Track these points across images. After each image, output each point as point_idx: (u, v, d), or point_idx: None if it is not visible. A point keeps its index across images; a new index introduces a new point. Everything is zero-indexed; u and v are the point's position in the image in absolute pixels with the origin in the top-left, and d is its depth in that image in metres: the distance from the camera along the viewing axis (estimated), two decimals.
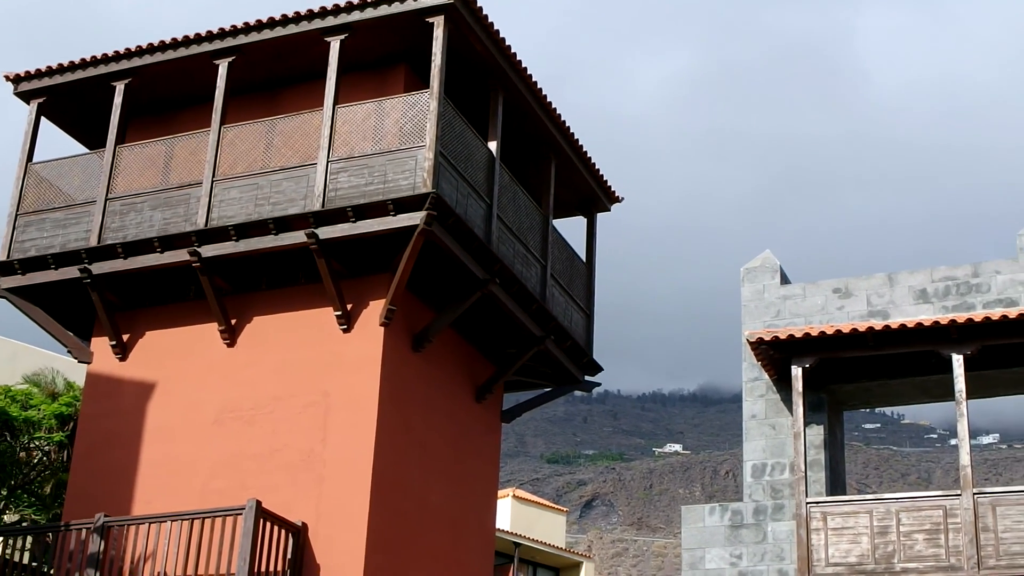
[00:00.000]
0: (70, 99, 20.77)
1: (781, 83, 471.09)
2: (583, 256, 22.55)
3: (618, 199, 23.25)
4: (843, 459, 17.50)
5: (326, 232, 17.45)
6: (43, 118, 20.83)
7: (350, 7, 18.42)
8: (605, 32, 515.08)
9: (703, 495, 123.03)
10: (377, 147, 17.84)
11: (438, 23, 18.03)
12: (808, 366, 16.08)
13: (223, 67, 19.26)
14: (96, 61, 20.08)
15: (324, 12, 18.54)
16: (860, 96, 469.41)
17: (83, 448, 19.04)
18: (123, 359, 19.31)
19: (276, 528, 16.46)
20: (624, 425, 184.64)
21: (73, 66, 20.26)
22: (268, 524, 16.29)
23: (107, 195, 19.32)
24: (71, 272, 19.09)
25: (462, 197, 17.96)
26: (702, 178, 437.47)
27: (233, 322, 18.68)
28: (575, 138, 21.50)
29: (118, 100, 19.96)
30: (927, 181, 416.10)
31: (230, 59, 19.23)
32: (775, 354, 16.36)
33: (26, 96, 20.69)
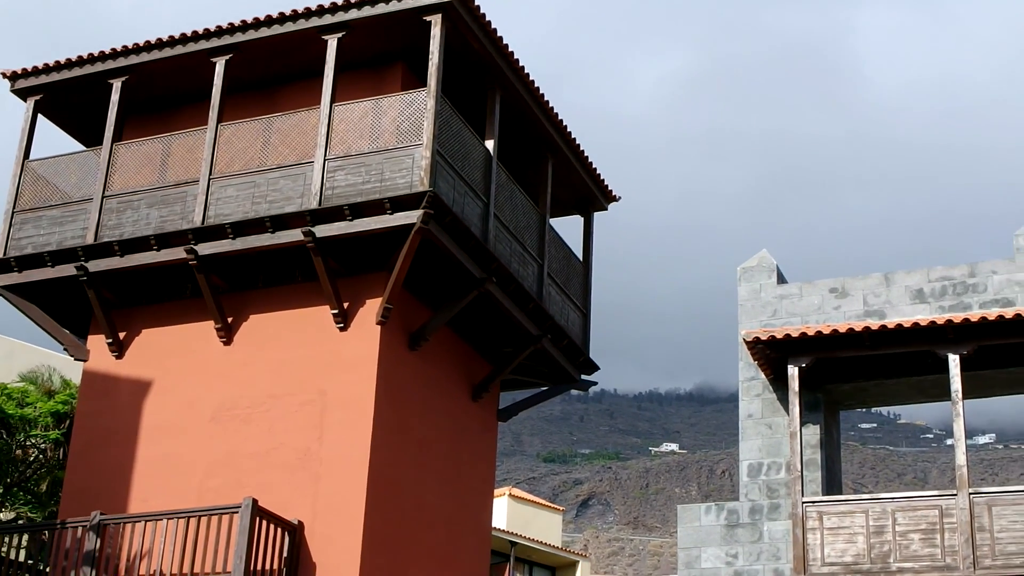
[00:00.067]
0: (67, 96, 20.76)
1: (779, 82, 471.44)
2: (580, 255, 22.56)
3: (615, 198, 23.25)
4: (839, 459, 17.51)
5: (323, 230, 17.45)
6: (40, 115, 20.83)
7: (347, 5, 18.41)
8: (603, 31, 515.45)
9: (699, 494, 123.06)
10: (374, 145, 17.84)
11: (435, 21, 18.04)
12: (804, 365, 16.09)
13: (220, 65, 19.26)
14: (93, 59, 20.07)
15: (321, 10, 18.53)
16: (858, 96, 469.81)
17: (79, 446, 19.04)
18: (119, 357, 19.30)
19: (272, 526, 16.46)
20: (620, 424, 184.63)
21: (70, 63, 20.26)
22: (264, 522, 16.29)
23: (104, 193, 19.31)
24: (67, 270, 19.09)
25: (459, 196, 17.96)
26: (699, 177, 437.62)
27: (230, 320, 18.68)
28: (572, 137, 21.51)
29: (115, 98, 19.96)
30: (924, 181, 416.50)
31: (227, 57, 19.23)
32: (771, 353, 16.36)
33: (23, 93, 20.68)
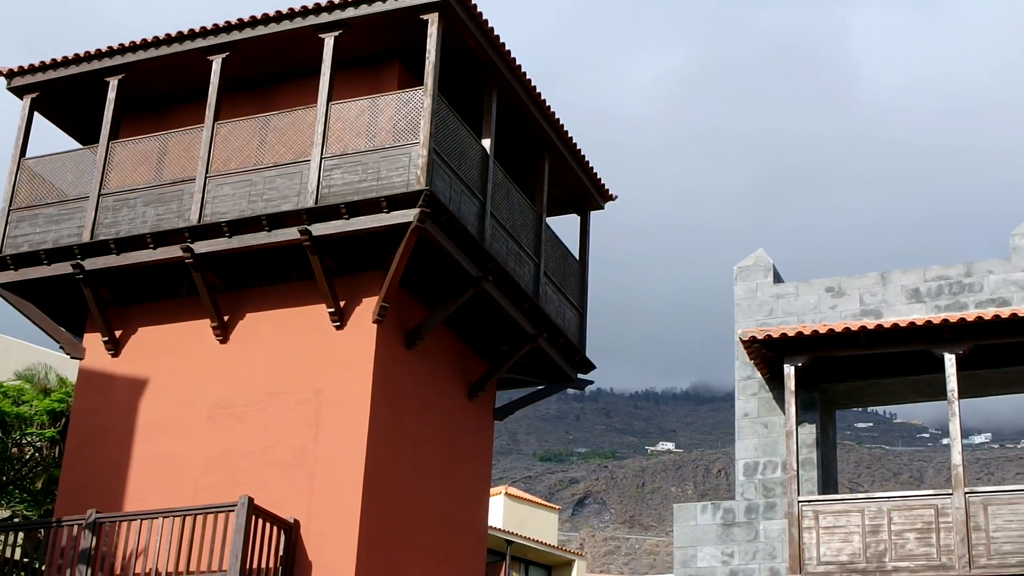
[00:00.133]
0: (63, 94, 20.74)
1: (776, 82, 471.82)
2: (576, 254, 22.56)
3: (612, 197, 23.26)
4: (835, 458, 17.53)
5: (319, 229, 17.44)
6: (36, 113, 20.80)
7: (344, 4, 18.40)
8: (600, 30, 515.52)
9: (695, 493, 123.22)
10: (371, 144, 17.83)
11: (432, 20, 18.03)
12: (800, 365, 16.10)
13: (217, 63, 19.24)
14: (90, 56, 20.04)
15: (318, 8, 18.52)
16: (855, 95, 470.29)
17: (75, 444, 19.02)
18: (115, 355, 19.28)
19: (268, 525, 16.44)
20: (617, 423, 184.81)
21: (67, 61, 20.24)
22: (260, 521, 16.27)
23: (100, 191, 19.28)
24: (64, 268, 19.07)
25: (455, 194, 17.96)
26: (696, 177, 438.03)
27: (226, 318, 18.67)
28: (569, 136, 21.51)
29: (111, 96, 19.93)
30: (921, 181, 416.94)
31: (224, 55, 19.21)
32: (768, 353, 16.37)
33: (19, 91, 20.66)
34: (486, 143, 19.15)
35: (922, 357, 16.13)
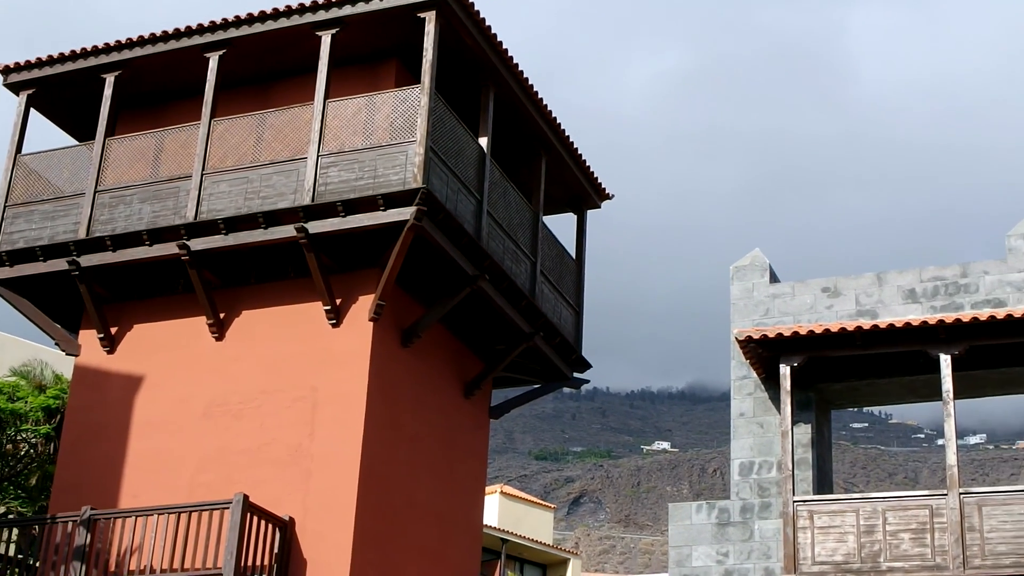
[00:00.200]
0: (60, 91, 20.72)
1: (774, 82, 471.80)
2: (573, 253, 22.56)
3: (608, 196, 23.25)
4: (830, 458, 17.54)
5: (316, 226, 17.43)
6: (32, 110, 20.77)
7: (342, 2, 18.38)
8: (597, 29, 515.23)
9: (691, 493, 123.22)
10: (367, 142, 17.82)
11: (430, 18, 18.03)
12: (796, 365, 16.11)
13: (214, 60, 19.22)
14: (86, 53, 20.03)
15: (316, 6, 18.50)
16: (853, 95, 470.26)
17: (70, 441, 19.01)
18: (111, 352, 19.27)
19: (263, 522, 16.44)
20: (612, 422, 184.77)
21: (63, 58, 20.21)
22: (255, 518, 16.27)
23: (96, 187, 19.27)
24: (59, 264, 19.05)
25: (452, 193, 17.96)
26: (693, 176, 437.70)
27: (222, 316, 18.66)
28: (566, 135, 21.51)
29: (108, 92, 19.92)
30: (918, 181, 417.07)
31: (221, 52, 19.20)
32: (764, 352, 16.38)
33: (15, 87, 20.64)
34: (483, 141, 19.15)
35: (918, 358, 16.14)
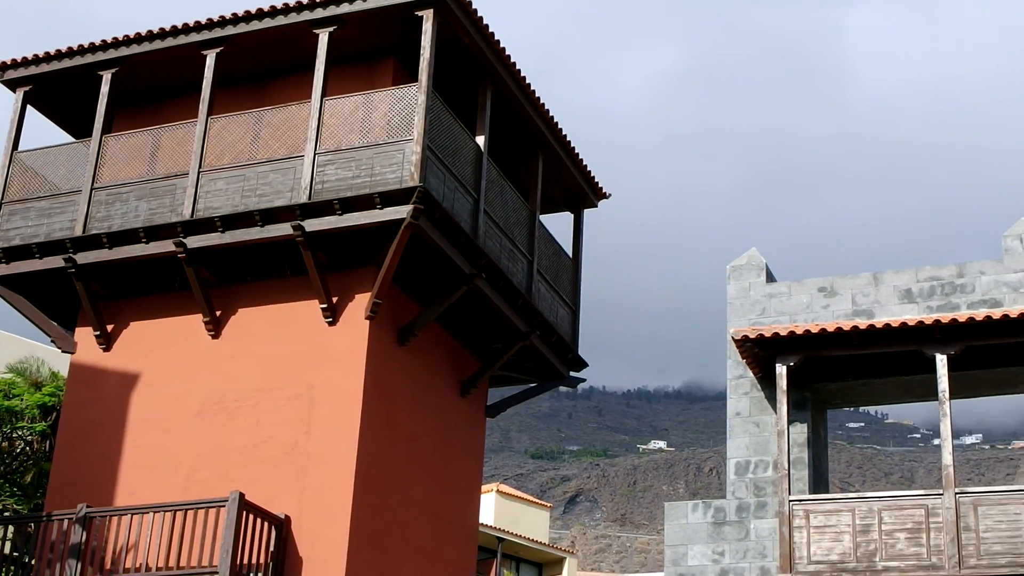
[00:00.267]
0: (57, 88, 20.69)
1: (770, 81, 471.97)
2: (570, 252, 22.56)
3: (606, 196, 23.25)
4: (826, 457, 17.54)
5: (312, 224, 17.42)
6: (29, 106, 20.77)
7: None
8: (593, 28, 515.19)
9: (687, 492, 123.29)
10: (364, 140, 17.81)
11: (427, 16, 18.02)
12: (792, 364, 16.12)
13: (211, 58, 19.21)
14: (83, 50, 20.01)
15: (313, 4, 18.49)
16: (850, 95, 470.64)
17: (66, 438, 18.99)
18: (107, 349, 19.26)
19: (259, 520, 16.43)
20: (609, 421, 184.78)
21: (60, 55, 20.19)
22: (251, 516, 16.26)
23: (93, 185, 19.25)
24: (56, 261, 19.03)
25: (449, 191, 17.95)
26: (689, 175, 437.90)
27: (218, 314, 18.65)
28: (563, 134, 21.50)
29: (105, 89, 19.90)
30: (914, 181, 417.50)
31: (218, 50, 19.18)
32: (760, 352, 16.38)
33: (12, 84, 20.62)
34: (480, 140, 19.14)
35: (914, 357, 16.15)
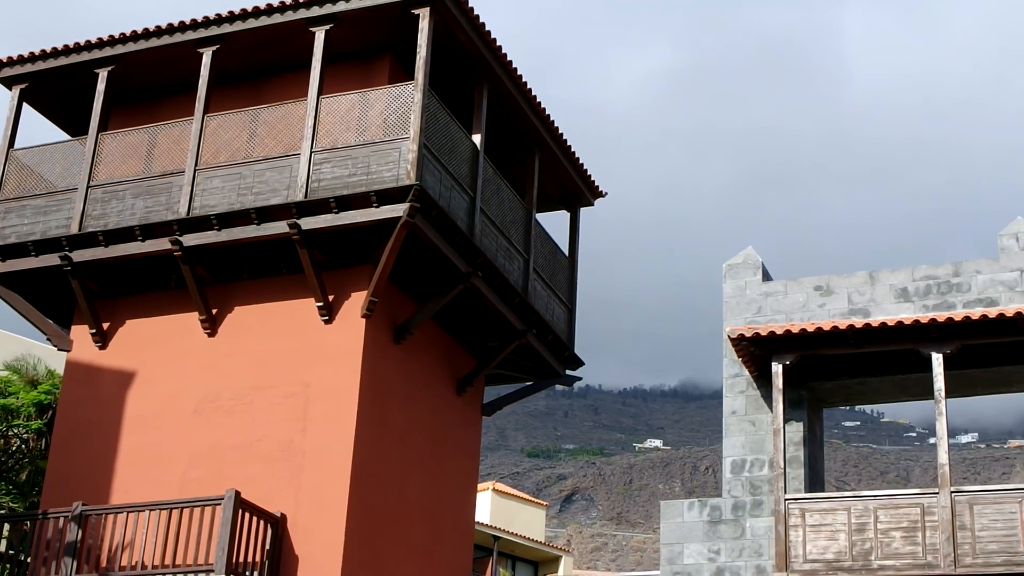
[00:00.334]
0: (53, 85, 20.67)
1: (763, 79, 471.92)
2: (566, 250, 22.56)
3: (602, 194, 23.25)
4: (822, 456, 17.57)
5: (308, 223, 17.41)
6: (25, 104, 20.74)
7: None
8: (587, 26, 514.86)
9: (683, 490, 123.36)
10: (361, 138, 17.80)
11: (424, 15, 18.01)
12: (789, 363, 16.13)
13: (207, 56, 19.20)
14: (79, 48, 19.99)
15: (310, 2, 18.47)
16: (842, 93, 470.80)
17: (62, 436, 18.98)
18: (103, 347, 19.24)
19: (255, 518, 16.42)
20: (605, 420, 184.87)
21: (56, 52, 20.17)
22: (247, 514, 16.25)
23: (89, 182, 19.23)
24: (51, 259, 19.02)
25: (445, 190, 17.95)
26: (683, 173, 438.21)
27: (214, 312, 18.64)
28: (559, 132, 21.50)
29: (101, 87, 19.88)
30: (910, 179, 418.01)
31: (214, 48, 19.16)
32: (756, 351, 16.39)
33: (8, 82, 20.60)
34: (476, 139, 19.14)
35: (910, 356, 16.17)
